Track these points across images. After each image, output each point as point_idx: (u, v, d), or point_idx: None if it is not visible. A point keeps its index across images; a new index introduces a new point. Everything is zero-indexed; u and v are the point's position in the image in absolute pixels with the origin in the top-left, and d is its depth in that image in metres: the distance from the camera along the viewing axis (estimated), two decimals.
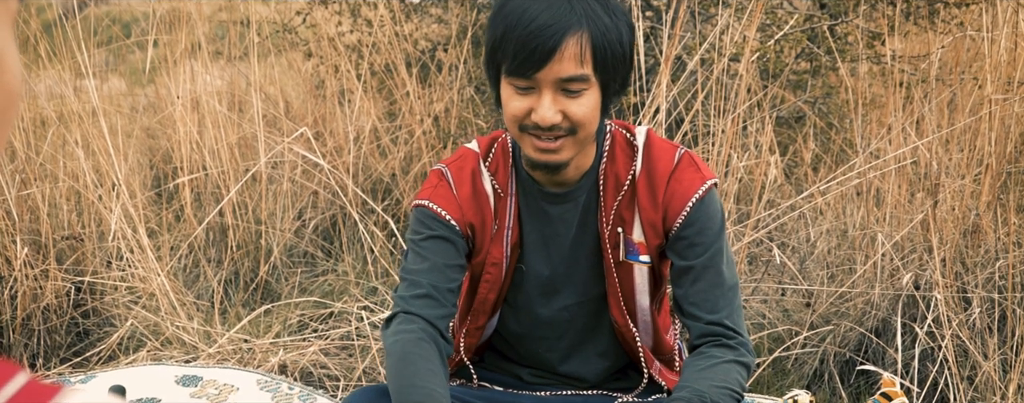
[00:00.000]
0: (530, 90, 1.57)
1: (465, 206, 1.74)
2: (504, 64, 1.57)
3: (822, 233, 3.14)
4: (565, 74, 1.53)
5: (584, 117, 1.57)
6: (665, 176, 1.69)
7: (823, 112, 3.89)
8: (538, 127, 1.57)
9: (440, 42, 4.21)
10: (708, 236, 1.68)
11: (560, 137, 1.59)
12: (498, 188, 1.75)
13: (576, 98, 1.56)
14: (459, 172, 1.76)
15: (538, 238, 1.77)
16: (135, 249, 3.15)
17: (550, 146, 1.60)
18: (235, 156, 3.60)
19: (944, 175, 2.86)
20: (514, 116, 1.59)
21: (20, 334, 3.05)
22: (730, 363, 1.65)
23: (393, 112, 4.00)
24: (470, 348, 1.87)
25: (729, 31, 3.21)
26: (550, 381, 1.90)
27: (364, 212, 3.50)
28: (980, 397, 2.55)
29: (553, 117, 1.56)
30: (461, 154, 1.80)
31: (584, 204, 1.74)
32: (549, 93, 1.56)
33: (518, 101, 1.58)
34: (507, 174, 1.76)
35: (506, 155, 1.76)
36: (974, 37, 3.41)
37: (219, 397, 2.63)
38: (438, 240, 1.72)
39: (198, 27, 3.94)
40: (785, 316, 3.00)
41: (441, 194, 1.74)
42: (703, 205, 1.68)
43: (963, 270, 2.72)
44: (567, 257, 1.76)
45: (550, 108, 1.55)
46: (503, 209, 1.75)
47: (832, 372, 2.79)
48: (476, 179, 1.75)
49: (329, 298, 3.25)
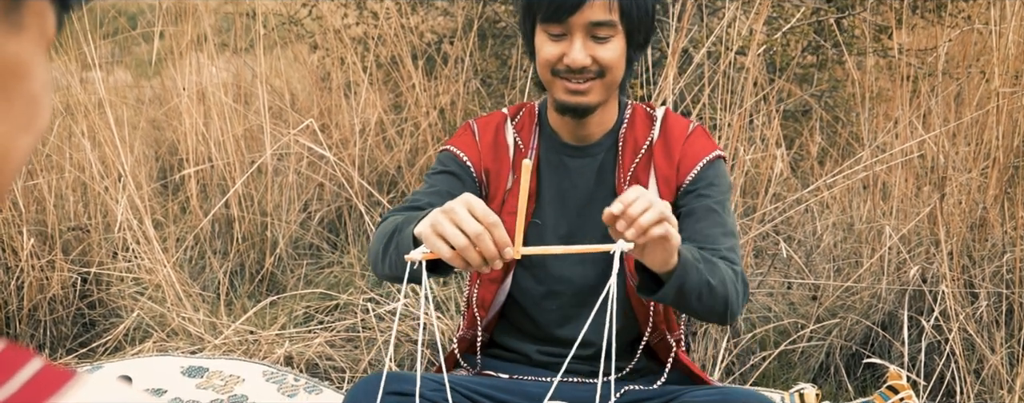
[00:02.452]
0: (562, 37, 1.73)
1: (484, 152, 1.89)
2: (540, 12, 1.73)
3: (828, 227, 3.14)
4: (595, 19, 1.69)
5: (611, 61, 1.72)
6: (681, 139, 1.84)
7: (830, 106, 3.88)
8: (570, 70, 1.73)
9: (446, 35, 4.21)
10: (714, 191, 1.81)
11: (589, 80, 1.74)
12: (520, 143, 1.89)
13: (604, 43, 1.72)
14: (485, 125, 1.92)
15: (555, 193, 1.87)
16: (141, 240, 3.15)
17: (580, 87, 1.74)
18: (241, 148, 3.60)
19: (951, 169, 2.85)
20: (547, 61, 1.75)
21: (26, 325, 3.05)
22: (727, 266, 1.71)
23: (399, 104, 4.00)
24: (484, 302, 1.91)
25: (736, 24, 3.20)
26: (557, 359, 1.90)
27: (370, 204, 3.50)
28: (987, 391, 2.54)
29: (584, 59, 1.71)
30: (491, 114, 1.96)
31: (602, 161, 1.85)
32: (580, 37, 1.71)
33: (551, 47, 1.74)
34: (531, 132, 1.91)
35: (532, 116, 1.92)
36: (981, 30, 3.40)
37: (225, 388, 2.63)
38: (448, 175, 1.86)
39: (204, 19, 3.94)
40: (791, 309, 3.00)
41: (464, 140, 1.91)
42: (713, 167, 1.82)
43: (970, 264, 2.72)
44: (582, 211, 1.86)
45: (581, 51, 1.71)
46: (521, 162, 1.85)
47: (838, 365, 2.79)
48: (499, 132, 1.91)
49: (334, 290, 3.25)
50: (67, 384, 0.46)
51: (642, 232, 1.42)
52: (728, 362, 2.77)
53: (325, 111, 3.85)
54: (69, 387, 0.46)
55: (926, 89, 3.18)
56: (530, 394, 1.88)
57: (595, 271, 1.85)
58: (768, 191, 3.06)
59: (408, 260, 1.44)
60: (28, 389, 0.45)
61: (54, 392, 0.45)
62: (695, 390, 1.81)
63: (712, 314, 1.68)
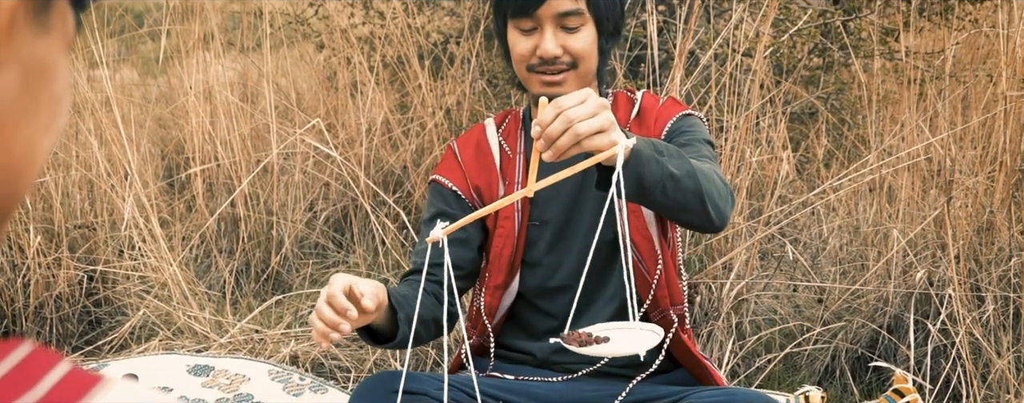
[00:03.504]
0: (533, 31, 1.78)
1: (469, 169, 1.94)
2: (509, 8, 1.79)
3: (834, 229, 3.14)
4: (562, 9, 1.75)
5: (582, 50, 1.78)
6: (654, 109, 1.91)
7: (836, 108, 3.88)
8: (543, 62, 1.78)
9: (452, 35, 4.21)
10: (694, 133, 1.84)
11: (563, 71, 1.79)
12: (506, 147, 1.94)
13: (574, 33, 1.77)
14: (465, 142, 1.98)
15: (549, 187, 1.86)
16: (147, 239, 3.16)
17: (555, 79, 1.79)
18: (247, 147, 3.60)
19: (958, 172, 2.85)
20: (521, 56, 1.80)
21: (33, 322, 3.06)
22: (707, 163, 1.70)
23: (405, 104, 4.00)
24: (491, 310, 1.93)
25: (742, 26, 3.20)
26: (561, 358, 1.90)
27: (375, 204, 3.50)
28: (993, 395, 2.54)
29: (555, 49, 1.76)
30: (471, 128, 2.03)
31: None
32: (550, 28, 1.76)
33: (523, 42, 1.79)
34: (517, 136, 1.95)
35: (517, 121, 1.97)
36: (989, 34, 3.40)
37: (230, 387, 2.63)
38: (438, 217, 1.87)
39: (211, 18, 3.94)
40: (797, 312, 2.99)
41: (448, 166, 1.96)
42: (685, 119, 1.88)
43: (977, 267, 2.71)
44: (575, 201, 1.89)
45: (552, 41, 1.76)
46: (511, 168, 1.92)
47: (844, 369, 2.78)
48: (481, 143, 1.96)
49: None
50: (94, 388, 0.46)
51: (561, 154, 1.44)
52: (733, 364, 2.77)
53: (331, 111, 3.85)
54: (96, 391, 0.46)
55: (933, 92, 3.17)
56: (536, 395, 1.88)
57: (596, 259, 1.84)
58: (774, 193, 3.06)
59: (429, 242, 1.54)
60: (56, 393, 0.45)
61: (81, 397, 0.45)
62: (701, 391, 1.80)
63: (691, 213, 1.61)
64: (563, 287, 1.90)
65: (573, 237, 1.89)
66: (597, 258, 1.85)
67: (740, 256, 2.91)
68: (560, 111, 1.42)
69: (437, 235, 1.52)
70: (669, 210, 1.60)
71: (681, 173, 1.55)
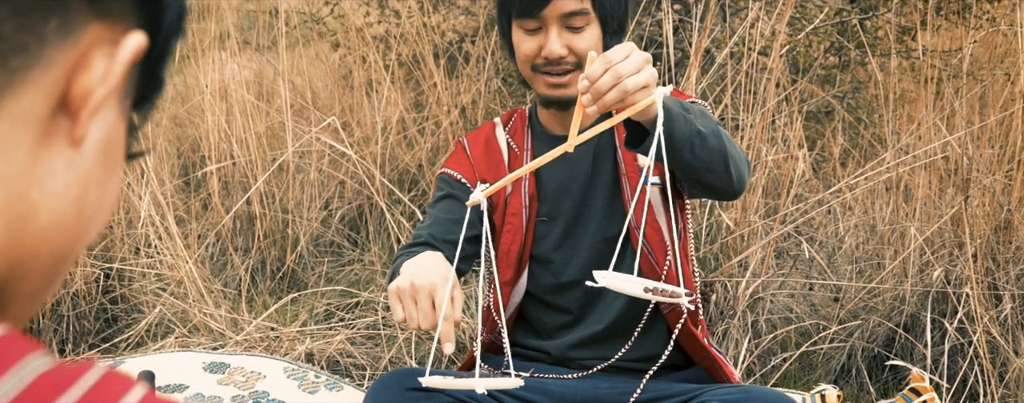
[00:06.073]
0: (538, 31, 1.77)
1: (478, 164, 1.93)
2: (514, 8, 1.77)
3: (850, 228, 3.13)
4: (567, 9, 1.74)
5: (587, 50, 1.75)
6: None
7: (852, 107, 3.86)
8: (548, 62, 1.77)
9: (467, 34, 4.21)
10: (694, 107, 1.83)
11: (568, 72, 1.78)
12: (514, 145, 1.94)
13: (579, 33, 1.76)
14: (475, 137, 1.98)
15: (557, 184, 1.90)
16: (163, 237, 3.17)
17: (560, 81, 1.78)
18: (263, 145, 3.61)
19: (975, 171, 2.83)
20: (526, 56, 1.80)
21: (50, 319, 3.07)
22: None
23: (420, 103, 4.00)
24: (498, 307, 1.92)
25: (758, 25, 3.19)
26: (576, 354, 1.90)
27: (391, 202, 3.51)
28: (1011, 394, 2.53)
29: (560, 50, 1.75)
30: (481, 126, 2.04)
31: (597, 144, 1.87)
32: (555, 29, 1.75)
33: (528, 42, 1.78)
34: (523, 134, 1.95)
35: (523, 119, 1.97)
36: (1006, 32, 3.38)
37: (246, 384, 2.64)
38: (446, 199, 1.90)
39: (227, 16, 3.95)
40: (813, 311, 2.98)
41: (457, 159, 1.96)
42: (694, 104, 1.82)
43: (994, 266, 2.70)
44: (585, 196, 1.89)
45: (557, 42, 1.75)
46: (518, 164, 1.92)
47: (860, 367, 2.77)
48: (490, 140, 1.96)
49: (355, 287, 3.26)
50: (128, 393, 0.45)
51: (607, 108, 1.45)
52: (749, 363, 2.76)
53: (347, 109, 3.85)
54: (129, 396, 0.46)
55: (950, 91, 3.16)
56: (551, 392, 1.88)
57: (605, 253, 1.85)
58: (790, 192, 3.05)
59: (469, 205, 1.55)
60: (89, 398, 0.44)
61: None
62: (716, 389, 1.80)
63: (714, 174, 1.61)
64: (575, 282, 1.90)
65: (583, 232, 1.89)
66: (607, 251, 1.85)
67: (756, 255, 2.91)
68: (608, 65, 1.43)
69: (478, 197, 1.53)
70: (694, 170, 1.60)
71: (707, 131, 1.57)
